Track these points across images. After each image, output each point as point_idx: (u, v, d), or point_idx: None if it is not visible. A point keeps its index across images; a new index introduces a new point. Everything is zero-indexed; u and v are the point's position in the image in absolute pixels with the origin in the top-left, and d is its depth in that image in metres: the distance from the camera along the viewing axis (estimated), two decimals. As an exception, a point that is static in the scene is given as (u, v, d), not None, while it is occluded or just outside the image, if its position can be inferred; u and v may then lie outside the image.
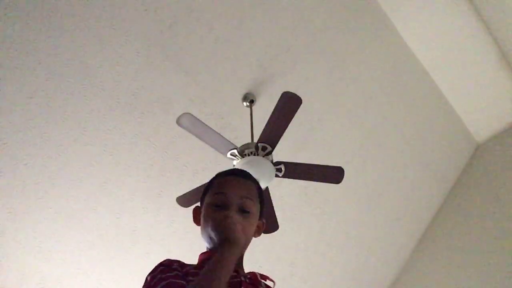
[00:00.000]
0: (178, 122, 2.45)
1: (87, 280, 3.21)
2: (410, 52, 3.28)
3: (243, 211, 1.04)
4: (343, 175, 2.67)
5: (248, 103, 2.96)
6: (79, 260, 3.12)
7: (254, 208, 1.07)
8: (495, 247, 3.38)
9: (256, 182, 1.13)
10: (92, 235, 3.06)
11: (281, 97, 2.40)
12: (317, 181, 2.67)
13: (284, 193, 3.33)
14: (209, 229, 1.01)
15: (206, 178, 2.71)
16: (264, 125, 2.48)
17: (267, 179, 2.47)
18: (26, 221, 2.86)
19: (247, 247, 1.07)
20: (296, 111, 2.43)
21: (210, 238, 1.01)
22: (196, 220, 1.11)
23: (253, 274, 1.03)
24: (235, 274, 0.96)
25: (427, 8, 3.07)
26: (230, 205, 1.03)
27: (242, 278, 0.98)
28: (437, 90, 3.51)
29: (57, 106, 2.64)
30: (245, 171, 1.17)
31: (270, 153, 2.54)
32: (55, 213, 2.91)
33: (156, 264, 0.98)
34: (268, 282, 1.05)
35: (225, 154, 2.56)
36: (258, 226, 1.10)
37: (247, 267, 1.08)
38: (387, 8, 3.05)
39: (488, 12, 3.08)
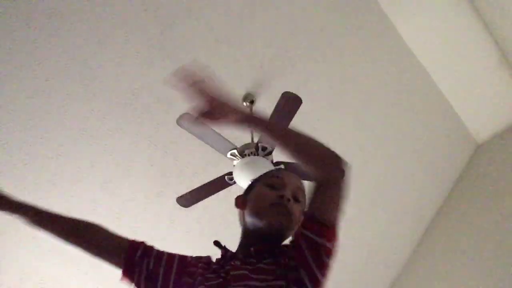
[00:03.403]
0: (178, 122, 2.46)
1: (87, 280, 3.21)
2: (410, 52, 3.28)
3: (296, 199, 1.09)
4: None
5: (248, 103, 2.96)
6: (79, 260, 3.12)
7: (304, 200, 1.11)
8: (495, 247, 3.38)
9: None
10: (92, 235, 3.06)
11: (281, 97, 2.40)
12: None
13: (284, 193, 3.33)
14: (260, 205, 1.05)
15: (206, 178, 2.73)
16: (264, 125, 2.48)
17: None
18: (26, 221, 2.86)
19: (291, 233, 1.08)
20: (296, 111, 2.44)
21: (260, 214, 1.04)
22: (240, 203, 1.13)
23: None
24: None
25: (427, 8, 3.07)
26: (287, 187, 1.08)
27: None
28: (437, 90, 3.51)
29: (57, 106, 2.64)
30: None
31: (270, 153, 2.54)
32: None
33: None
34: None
35: (225, 154, 2.56)
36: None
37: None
38: (387, 8, 3.05)
39: (488, 12, 3.07)
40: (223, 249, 1.09)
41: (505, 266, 3.24)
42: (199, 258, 1.10)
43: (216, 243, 1.10)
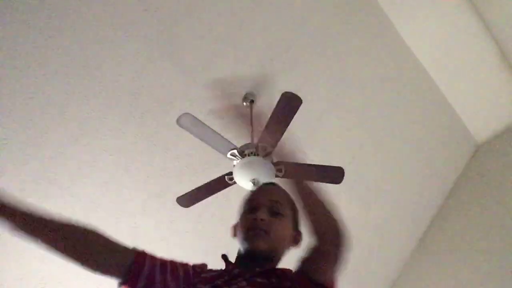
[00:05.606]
0: (178, 122, 2.45)
1: (87, 280, 3.21)
2: (410, 52, 3.28)
3: (275, 213, 1.09)
4: (343, 175, 2.67)
5: (248, 103, 2.96)
6: (79, 260, 3.12)
7: (286, 211, 1.12)
8: (495, 247, 3.38)
9: (286, 192, 1.17)
10: (92, 235, 3.06)
11: (281, 97, 2.40)
12: (317, 181, 2.66)
13: (284, 193, 3.32)
14: (241, 232, 1.07)
15: (206, 178, 2.72)
16: (264, 125, 2.48)
17: (267, 180, 2.47)
18: (26, 221, 2.86)
19: (282, 249, 1.09)
20: (296, 111, 2.43)
21: (242, 240, 1.06)
22: (233, 232, 1.15)
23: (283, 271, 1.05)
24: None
25: (427, 8, 3.07)
26: (260, 207, 1.09)
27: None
28: (437, 90, 3.51)
29: (57, 106, 2.64)
30: (275, 183, 1.22)
31: (270, 153, 2.54)
32: (55, 213, 2.91)
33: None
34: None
35: (225, 154, 2.56)
36: (294, 236, 1.13)
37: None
38: (387, 8, 3.05)
39: (489, 12, 3.07)
40: (230, 264, 1.08)
41: (505, 266, 3.23)
42: (197, 267, 1.08)
43: (224, 257, 1.10)
